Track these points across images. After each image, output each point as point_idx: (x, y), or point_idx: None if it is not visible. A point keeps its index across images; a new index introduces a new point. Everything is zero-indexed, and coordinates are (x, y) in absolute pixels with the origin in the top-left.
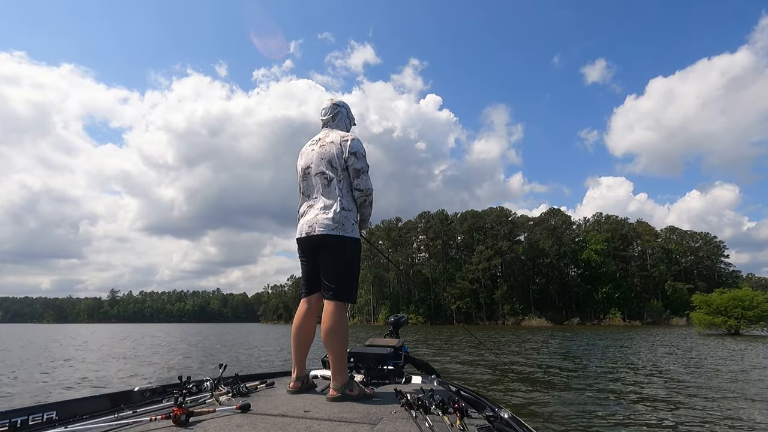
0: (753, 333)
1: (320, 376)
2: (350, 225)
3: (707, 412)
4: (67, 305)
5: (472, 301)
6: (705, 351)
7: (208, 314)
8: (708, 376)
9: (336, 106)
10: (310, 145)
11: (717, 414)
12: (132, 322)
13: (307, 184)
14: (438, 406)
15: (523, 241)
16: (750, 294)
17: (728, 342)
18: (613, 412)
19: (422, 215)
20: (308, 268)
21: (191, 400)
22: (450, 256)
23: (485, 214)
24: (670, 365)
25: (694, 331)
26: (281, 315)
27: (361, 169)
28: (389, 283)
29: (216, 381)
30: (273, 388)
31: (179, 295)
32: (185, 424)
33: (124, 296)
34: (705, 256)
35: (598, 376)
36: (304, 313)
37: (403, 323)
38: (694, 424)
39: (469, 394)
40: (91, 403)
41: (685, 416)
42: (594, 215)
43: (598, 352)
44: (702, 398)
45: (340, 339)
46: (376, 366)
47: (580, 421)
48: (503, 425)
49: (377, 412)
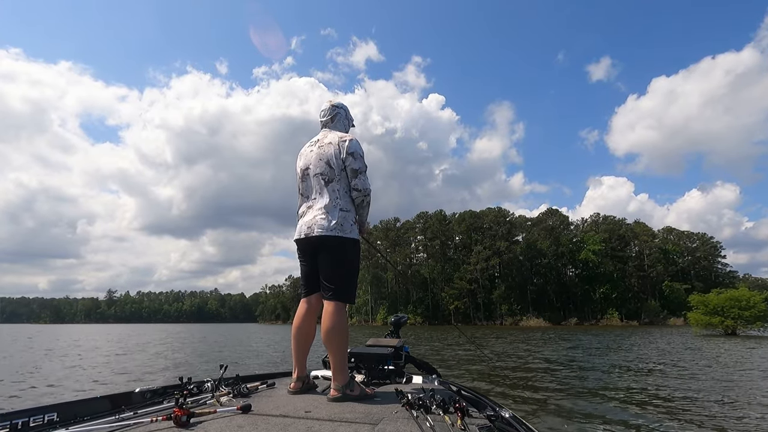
0: (750, 333)
1: (321, 377)
2: (349, 225)
3: (706, 412)
4: (64, 305)
5: (470, 302)
6: (702, 351)
7: (205, 314)
8: (706, 377)
9: (335, 108)
10: (309, 146)
11: (716, 414)
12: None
13: (306, 185)
14: (439, 406)
15: (521, 241)
16: (747, 294)
17: (725, 342)
18: (613, 411)
19: (420, 215)
20: (307, 268)
21: (192, 401)
22: (448, 257)
23: (483, 214)
24: (667, 365)
25: (691, 332)
26: (279, 315)
27: (359, 169)
28: (387, 283)
29: (217, 382)
30: (274, 388)
31: (177, 296)
32: (186, 425)
33: (121, 296)
34: (702, 257)
35: (596, 376)
36: (304, 314)
37: (404, 323)
38: (692, 424)
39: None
40: (91, 404)
41: (684, 416)
42: (592, 215)
43: (597, 353)
44: (700, 398)
45: (341, 339)
46: (376, 366)
47: (580, 421)
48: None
49: (378, 412)
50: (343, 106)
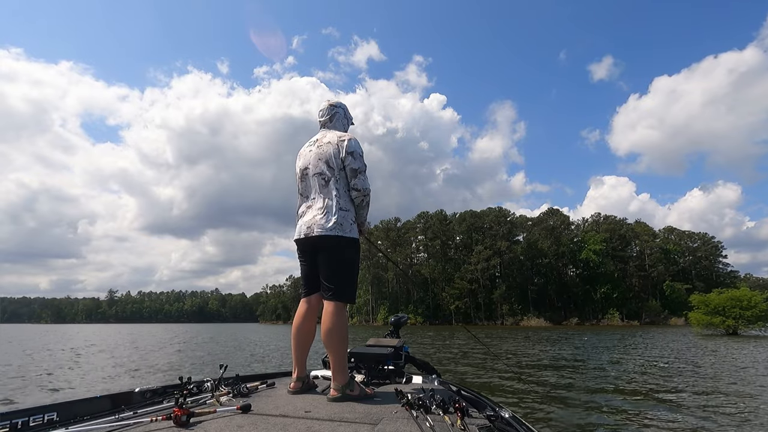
0: (751, 333)
1: (321, 377)
2: (349, 225)
3: (706, 412)
4: (65, 305)
5: (471, 302)
6: (703, 351)
7: (206, 314)
8: (706, 376)
9: (333, 107)
10: (308, 146)
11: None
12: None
13: (305, 184)
14: (439, 406)
15: (522, 241)
16: (748, 294)
17: (726, 342)
18: (612, 411)
19: (421, 215)
20: (307, 268)
21: (192, 401)
22: (449, 257)
23: (484, 214)
24: (668, 365)
25: (692, 331)
26: (280, 315)
27: (358, 168)
28: (388, 283)
29: (217, 381)
30: (274, 388)
31: (177, 296)
32: (186, 424)
33: (122, 296)
34: (703, 257)
35: (596, 376)
36: (304, 314)
37: (404, 323)
38: (692, 424)
39: (469, 393)
40: (91, 404)
41: (684, 416)
42: (593, 215)
43: (597, 352)
44: (700, 398)
45: (341, 339)
46: (376, 366)
47: (580, 421)
48: (504, 425)
49: (378, 412)
50: (342, 105)
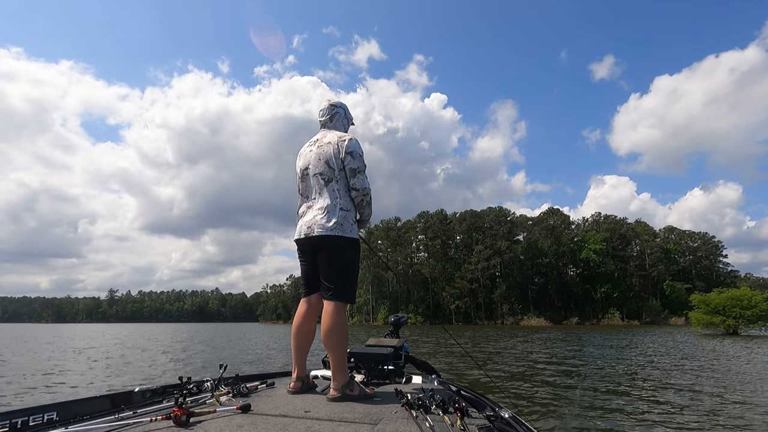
0: (751, 333)
1: (321, 377)
2: (349, 225)
3: (706, 412)
4: (65, 305)
5: (471, 301)
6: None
7: (206, 314)
8: (706, 376)
9: (333, 107)
10: (309, 146)
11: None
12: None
13: (305, 185)
14: (438, 406)
15: (522, 240)
16: (748, 294)
17: (727, 341)
18: (613, 411)
19: (421, 215)
20: (308, 268)
21: (192, 401)
22: (449, 256)
23: (484, 213)
24: (668, 365)
25: (693, 331)
26: (280, 315)
27: (358, 168)
28: (388, 282)
29: (216, 381)
30: (273, 388)
31: (178, 295)
32: (186, 424)
33: (122, 296)
34: (703, 256)
35: (597, 375)
36: (304, 313)
37: (404, 323)
38: (692, 424)
39: (469, 393)
40: (91, 403)
41: (684, 416)
42: (593, 215)
43: (597, 352)
44: (700, 398)
45: (340, 339)
46: (376, 366)
47: (580, 421)
48: (504, 425)
49: (378, 412)
50: (342, 105)
